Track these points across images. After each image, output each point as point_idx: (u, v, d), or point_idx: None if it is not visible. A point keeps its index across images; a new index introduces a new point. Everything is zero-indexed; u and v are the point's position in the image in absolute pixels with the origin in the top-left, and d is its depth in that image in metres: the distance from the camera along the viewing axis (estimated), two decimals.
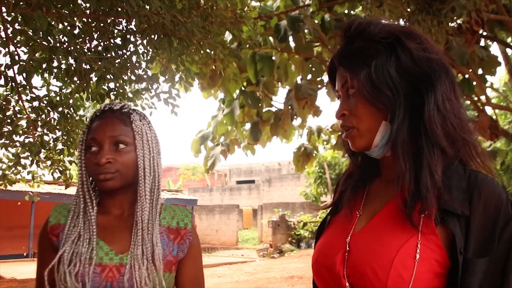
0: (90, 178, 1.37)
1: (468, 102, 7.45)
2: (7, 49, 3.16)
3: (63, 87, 3.82)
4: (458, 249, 0.89)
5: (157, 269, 1.26)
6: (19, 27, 2.98)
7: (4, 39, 3.08)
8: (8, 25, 3.01)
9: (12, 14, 2.82)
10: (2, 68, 3.26)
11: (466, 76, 6.69)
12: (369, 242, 0.96)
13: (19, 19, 2.87)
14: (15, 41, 3.21)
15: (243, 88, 6.54)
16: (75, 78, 3.40)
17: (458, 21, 5.40)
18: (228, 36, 4.44)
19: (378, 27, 1.01)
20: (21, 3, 2.63)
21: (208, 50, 3.40)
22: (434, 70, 0.97)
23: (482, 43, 6.68)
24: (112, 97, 3.63)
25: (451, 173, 0.96)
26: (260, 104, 6.77)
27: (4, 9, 2.92)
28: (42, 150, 3.93)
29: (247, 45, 4.91)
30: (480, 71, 6.70)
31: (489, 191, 0.93)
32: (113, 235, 1.33)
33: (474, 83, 6.77)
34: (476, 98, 7.62)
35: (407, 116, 0.97)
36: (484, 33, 6.39)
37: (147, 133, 1.38)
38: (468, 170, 0.98)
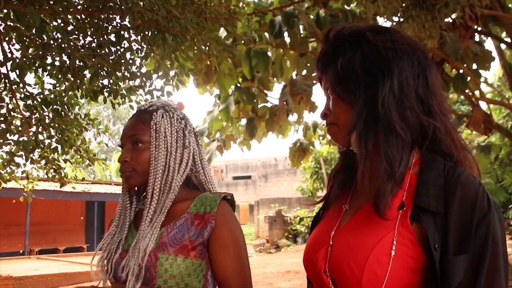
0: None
1: (462, 97, 7.47)
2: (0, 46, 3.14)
3: (57, 85, 3.80)
4: (432, 245, 0.88)
5: (141, 260, 1.28)
6: (12, 24, 2.97)
7: None
8: (0, 22, 2.99)
9: (4, 10, 2.80)
10: None
11: (461, 71, 6.71)
12: (349, 238, 0.97)
13: (12, 16, 2.86)
14: (8, 38, 3.19)
15: (238, 84, 6.53)
16: (69, 75, 3.39)
17: (452, 17, 5.40)
18: (222, 32, 4.43)
19: (349, 29, 1.05)
20: None
21: (202, 46, 3.39)
22: (396, 58, 0.98)
23: (476, 38, 6.69)
24: (106, 94, 3.62)
25: (429, 169, 0.95)
26: (255, 100, 6.77)
27: None
28: (37, 148, 3.91)
29: (242, 41, 4.90)
30: (474, 66, 6.71)
31: (465, 187, 0.91)
32: (138, 225, 1.40)
33: (469, 78, 6.79)
34: (470, 93, 7.65)
35: (366, 105, 0.97)
36: (478, 28, 6.40)
37: (165, 129, 1.40)
38: (447, 165, 0.96)
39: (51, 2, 2.73)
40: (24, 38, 3.10)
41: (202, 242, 1.30)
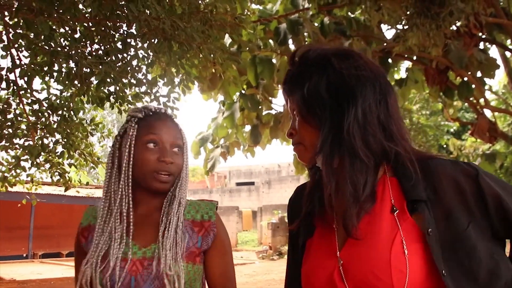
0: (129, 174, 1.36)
1: (467, 104, 7.46)
2: (8, 53, 3.18)
3: (64, 91, 3.84)
4: (425, 230, 0.94)
5: (178, 261, 1.28)
6: (21, 31, 3.01)
7: (6, 43, 3.11)
8: (10, 29, 3.04)
9: (15, 19, 2.85)
10: (4, 72, 3.28)
11: (465, 79, 6.71)
12: (360, 252, 0.98)
13: (21, 24, 2.90)
14: (17, 45, 3.23)
15: (243, 91, 6.56)
16: (76, 82, 3.43)
17: (457, 25, 5.42)
18: (227, 39, 4.46)
19: (315, 53, 1.09)
20: (24, 8, 2.66)
21: (207, 54, 3.43)
22: (359, 86, 1.01)
23: (481, 46, 6.70)
24: (112, 100, 3.65)
25: (405, 169, 1.01)
26: (260, 107, 6.79)
27: (6, 14, 2.94)
28: (42, 153, 3.94)
29: (247, 48, 4.94)
30: (479, 74, 6.71)
31: (446, 168, 1.00)
32: (135, 230, 1.34)
33: (473, 86, 6.79)
34: (475, 101, 7.65)
35: (332, 131, 1.01)
36: (483, 36, 6.41)
37: (187, 143, 1.45)
38: (418, 161, 1.02)
39: (60, 11, 2.77)
40: (33, 46, 3.14)
41: (206, 249, 1.37)
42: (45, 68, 3.30)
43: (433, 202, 0.97)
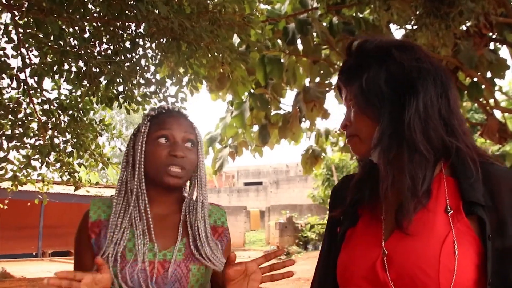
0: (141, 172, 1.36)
1: (476, 105, 7.41)
2: (19, 53, 3.21)
3: (73, 90, 3.87)
4: (487, 235, 0.93)
5: (204, 265, 1.31)
6: (31, 31, 3.03)
7: (16, 42, 3.14)
8: (20, 29, 3.06)
9: (25, 19, 2.87)
10: (14, 71, 3.31)
11: (475, 79, 6.66)
12: (408, 245, 0.98)
13: (31, 24, 2.92)
14: (27, 44, 3.26)
15: (252, 91, 6.56)
16: (85, 81, 3.45)
17: (467, 24, 5.38)
18: (236, 39, 4.46)
19: (373, 44, 1.08)
20: (34, 8, 2.68)
21: (216, 54, 3.43)
22: (421, 79, 1.00)
23: (491, 46, 6.64)
24: (121, 100, 3.67)
25: (465, 168, 1.00)
26: (268, 107, 6.79)
27: (16, 14, 2.97)
28: (52, 152, 3.97)
29: (255, 48, 4.94)
30: (489, 74, 6.66)
31: (505, 178, 0.99)
32: (155, 230, 1.33)
33: (483, 86, 6.74)
34: (485, 102, 7.58)
35: (392, 123, 1.00)
36: (493, 36, 6.36)
37: (202, 141, 1.46)
38: (480, 161, 1.01)
39: (69, 11, 2.79)
40: (43, 45, 3.16)
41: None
42: (55, 68, 3.32)
43: (489, 209, 0.96)
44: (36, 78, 3.28)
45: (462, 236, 0.94)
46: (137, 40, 3.35)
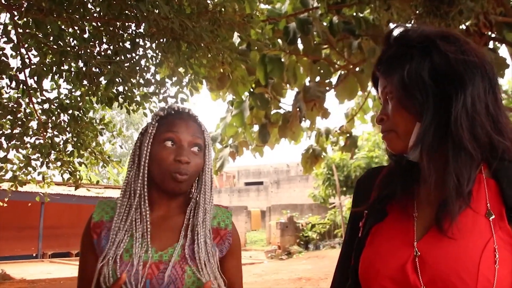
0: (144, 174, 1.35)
1: None
2: (18, 53, 3.21)
3: (73, 90, 3.87)
4: None
5: (201, 272, 1.28)
6: (30, 31, 3.03)
7: (16, 43, 3.13)
8: (20, 29, 3.06)
9: (24, 19, 2.87)
10: (14, 71, 3.31)
11: None
12: (444, 248, 0.92)
13: (31, 24, 2.92)
14: (26, 45, 3.26)
15: (252, 90, 6.56)
16: (85, 81, 3.45)
17: (466, 24, 5.38)
18: (236, 38, 4.46)
19: (416, 33, 1.01)
20: (33, 8, 2.67)
21: (216, 54, 3.43)
22: (468, 72, 0.94)
23: (490, 45, 6.64)
24: (121, 100, 3.67)
25: (507, 171, 0.95)
26: (268, 106, 6.79)
27: (16, 14, 2.97)
28: (52, 151, 3.98)
29: (256, 47, 4.94)
30: None
31: None
32: (153, 233, 1.33)
33: None
34: None
35: (436, 119, 0.94)
36: (493, 35, 6.36)
37: (210, 144, 1.42)
38: None
39: (69, 11, 2.78)
40: (42, 45, 3.16)
41: (219, 257, 1.38)
42: (55, 68, 3.32)
43: None
44: (35, 78, 3.27)
45: (503, 245, 0.89)
46: (137, 40, 3.35)
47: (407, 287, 0.92)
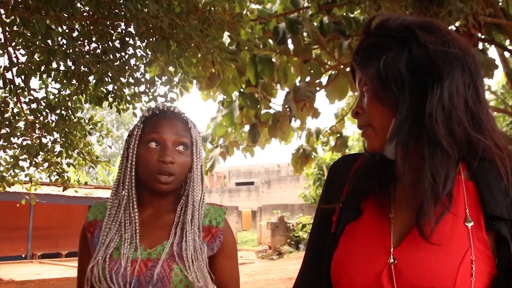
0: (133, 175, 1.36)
1: None
2: (5, 51, 3.17)
3: (62, 89, 3.83)
4: (511, 254, 0.83)
5: (188, 270, 1.27)
6: (18, 30, 3.00)
7: (3, 41, 3.10)
8: (7, 28, 3.03)
9: (11, 17, 2.84)
10: (1, 70, 3.27)
11: None
12: (423, 257, 0.86)
13: (18, 22, 2.89)
14: (14, 43, 3.22)
15: (242, 90, 6.56)
16: (74, 81, 3.42)
17: (456, 25, 5.41)
18: (226, 38, 4.45)
19: (396, 22, 0.94)
20: (20, 6, 2.65)
21: (205, 53, 3.42)
22: (447, 64, 0.88)
23: (480, 46, 6.70)
24: (110, 99, 3.64)
25: (487, 175, 0.90)
26: (258, 106, 6.79)
27: (2, 12, 2.93)
28: (40, 152, 3.93)
29: (246, 47, 4.94)
30: None
31: None
32: (143, 231, 1.33)
33: None
34: None
35: (411, 113, 0.88)
36: (482, 36, 6.41)
37: (199, 141, 1.42)
38: (506, 168, 0.90)
39: (57, 9, 2.76)
40: (30, 44, 3.13)
41: (210, 255, 1.36)
42: (43, 67, 3.29)
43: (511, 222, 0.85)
44: (23, 77, 3.24)
45: (480, 256, 0.84)
46: (126, 39, 3.33)
47: None
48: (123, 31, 3.37)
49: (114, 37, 3.36)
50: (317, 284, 1.04)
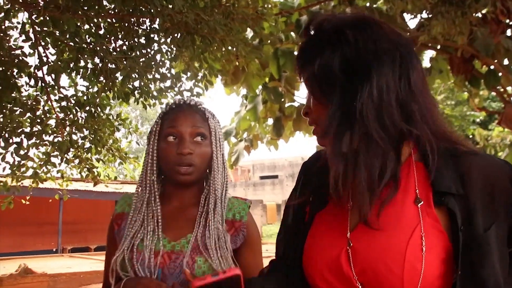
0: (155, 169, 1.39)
1: (494, 93, 7.29)
2: (36, 51, 3.26)
3: (90, 87, 3.91)
4: (459, 227, 0.87)
5: (212, 258, 1.29)
6: (47, 29, 3.07)
7: (33, 41, 3.18)
8: (37, 28, 3.10)
9: (41, 17, 2.91)
10: (32, 69, 3.36)
11: (492, 67, 6.57)
12: (374, 238, 0.92)
13: (48, 21, 2.96)
14: (44, 42, 3.30)
15: (265, 84, 6.56)
16: (101, 78, 3.48)
17: (483, 11, 5.30)
18: (249, 32, 4.46)
19: (330, 23, 0.98)
20: (50, 6, 2.71)
21: (230, 47, 3.44)
22: (376, 61, 0.91)
23: (508, 33, 6.54)
24: (137, 95, 3.70)
25: (435, 153, 0.93)
26: (282, 99, 6.79)
27: (33, 12, 3.01)
28: (71, 148, 4.02)
29: (269, 41, 4.94)
30: (506, 62, 6.55)
31: (477, 163, 0.92)
32: (168, 224, 1.37)
33: (500, 74, 6.64)
34: (502, 90, 7.48)
35: (340, 111, 0.92)
36: (511, 23, 6.25)
37: (219, 131, 1.44)
38: (445, 148, 0.95)
39: (85, 8, 2.82)
40: (59, 43, 3.20)
41: (234, 248, 1.37)
42: (72, 65, 3.36)
43: (460, 197, 0.89)
44: (53, 75, 3.32)
45: (431, 230, 0.88)
46: (151, 35, 3.38)
47: (342, 277, 0.94)
48: (149, 28, 3.41)
49: (140, 34, 3.41)
50: (292, 269, 1.08)
